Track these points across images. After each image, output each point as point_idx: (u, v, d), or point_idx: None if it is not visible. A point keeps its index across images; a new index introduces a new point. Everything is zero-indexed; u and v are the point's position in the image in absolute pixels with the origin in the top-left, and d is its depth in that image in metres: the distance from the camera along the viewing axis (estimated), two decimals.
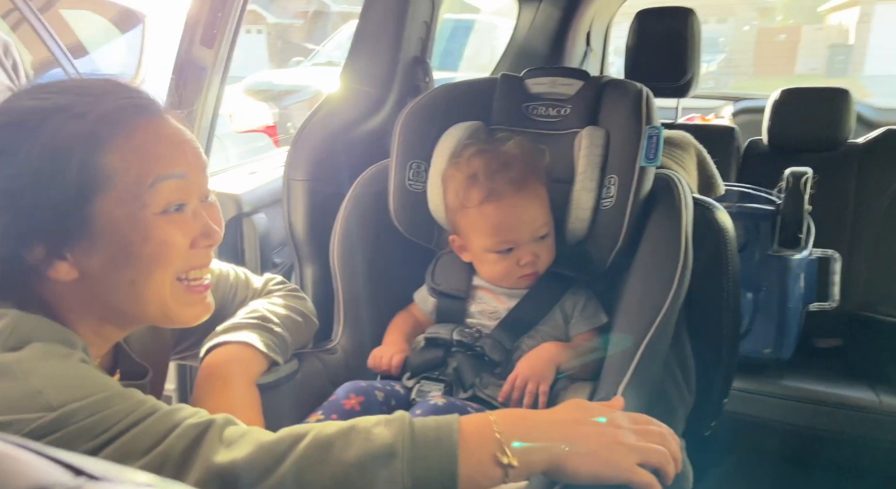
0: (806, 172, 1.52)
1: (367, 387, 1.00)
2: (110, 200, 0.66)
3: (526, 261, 1.08)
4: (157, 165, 0.68)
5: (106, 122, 0.66)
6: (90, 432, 0.58)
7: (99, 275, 0.68)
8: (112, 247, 0.67)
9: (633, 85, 1.16)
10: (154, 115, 0.70)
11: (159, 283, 0.70)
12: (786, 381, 1.57)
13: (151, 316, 0.73)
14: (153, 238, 0.68)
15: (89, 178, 0.65)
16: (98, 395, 0.60)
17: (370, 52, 1.46)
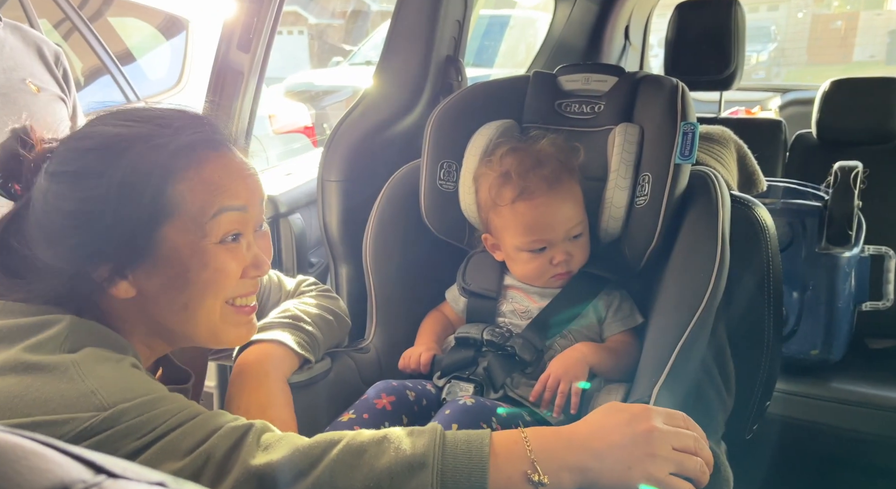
0: (856, 166, 1.46)
1: (399, 386, 1.01)
2: (175, 228, 0.70)
3: (559, 260, 1.07)
4: (221, 197, 0.72)
5: (182, 154, 0.70)
6: (138, 431, 0.61)
7: (155, 295, 0.72)
8: (171, 271, 0.71)
9: (669, 80, 1.13)
10: (223, 149, 0.74)
11: (210, 308, 0.74)
12: (835, 383, 1.50)
13: (201, 337, 0.77)
14: (210, 266, 0.72)
15: (160, 206, 0.69)
16: (147, 397, 0.63)
17: (403, 51, 1.46)
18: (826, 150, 1.91)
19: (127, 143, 0.68)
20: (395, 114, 1.45)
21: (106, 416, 0.60)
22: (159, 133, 0.69)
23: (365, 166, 1.40)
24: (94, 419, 0.59)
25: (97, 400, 0.61)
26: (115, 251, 0.69)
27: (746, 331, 1.11)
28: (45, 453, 0.30)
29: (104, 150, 0.68)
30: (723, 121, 2.00)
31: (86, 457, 0.31)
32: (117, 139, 0.68)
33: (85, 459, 0.31)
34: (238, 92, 1.35)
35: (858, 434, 1.45)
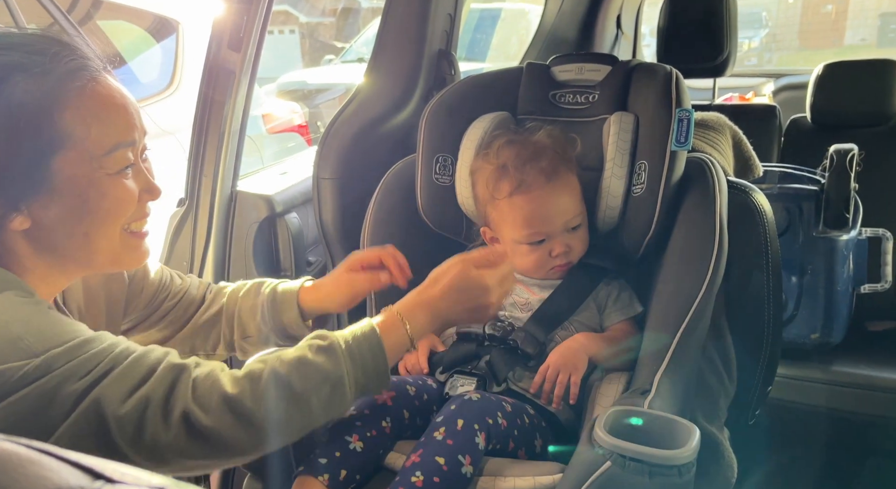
0: (852, 149, 1.45)
1: (399, 382, 1.00)
2: (68, 159, 0.70)
3: (558, 252, 1.07)
4: (115, 133, 0.72)
5: (65, 83, 0.69)
6: (74, 375, 0.63)
7: (52, 225, 0.72)
8: (68, 201, 0.71)
9: (662, 67, 1.13)
10: (102, 75, 0.73)
11: (110, 234, 0.76)
12: (835, 367, 1.51)
13: (101, 263, 0.78)
14: (109, 196, 0.73)
15: (50, 138, 0.68)
16: (75, 340, 0.65)
17: (395, 47, 1.45)
18: (821, 134, 1.91)
19: (3, 73, 0.66)
20: (388, 110, 1.45)
21: (38, 363, 0.61)
22: (35, 61, 0.68)
23: (359, 163, 1.40)
24: (28, 366, 0.60)
25: (26, 345, 0.61)
26: (6, 184, 0.68)
27: (746, 317, 1.11)
28: (42, 460, 0.30)
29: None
30: (717, 107, 2.00)
31: (83, 463, 0.31)
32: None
33: (82, 465, 0.31)
34: (230, 92, 1.35)
35: (860, 416, 1.45)
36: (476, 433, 0.86)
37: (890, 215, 1.78)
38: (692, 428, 0.79)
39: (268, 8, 1.32)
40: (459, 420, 0.86)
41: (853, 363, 1.52)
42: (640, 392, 0.93)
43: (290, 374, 0.73)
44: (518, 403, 0.97)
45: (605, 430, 0.80)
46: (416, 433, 0.99)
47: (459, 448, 0.84)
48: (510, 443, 0.92)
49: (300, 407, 0.73)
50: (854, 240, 1.51)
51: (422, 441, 0.87)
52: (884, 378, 1.46)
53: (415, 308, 0.86)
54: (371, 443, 0.93)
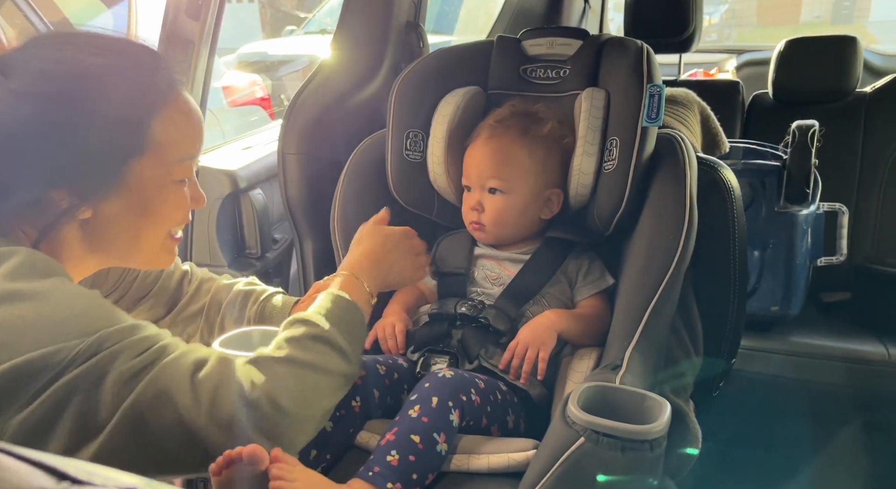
0: (813, 125, 1.48)
1: (369, 361, 1.00)
2: (147, 163, 0.74)
3: (472, 205, 1.11)
4: (189, 145, 0.78)
5: (164, 93, 0.74)
6: (126, 355, 0.64)
7: (111, 220, 0.75)
8: (134, 201, 0.75)
9: (634, 42, 1.12)
10: (186, 92, 0.79)
11: (157, 235, 0.80)
12: (794, 338, 1.56)
13: (139, 260, 0.82)
14: (170, 201, 0.78)
15: (137, 141, 0.72)
16: (125, 323, 0.67)
17: (361, 17, 1.41)
18: (782, 110, 1.94)
19: (106, 73, 0.70)
20: (355, 83, 1.41)
21: (92, 341, 0.62)
22: (140, 69, 0.73)
23: (326, 138, 1.36)
24: (82, 345, 0.62)
25: (82, 324, 0.63)
26: (83, 175, 0.71)
27: (713, 292, 1.13)
28: (3, 462, 0.29)
29: (83, 77, 0.69)
30: (682, 83, 2.01)
31: (46, 463, 0.30)
32: (94, 67, 0.69)
33: (45, 465, 0.30)
34: (189, 63, 1.29)
35: (818, 385, 1.51)
36: (451, 410, 0.86)
37: (845, 190, 1.84)
38: (663, 403, 0.81)
39: None
40: (434, 397, 0.86)
41: (810, 334, 1.58)
42: (611, 367, 0.94)
43: (289, 353, 0.74)
44: (491, 380, 0.97)
45: (579, 407, 0.80)
46: (386, 412, 0.99)
47: (434, 426, 0.84)
48: (483, 420, 0.93)
49: (316, 372, 0.74)
50: (813, 214, 1.55)
51: (396, 419, 0.87)
52: (839, 348, 1.52)
53: (363, 266, 0.93)
54: (341, 422, 0.93)
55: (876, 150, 1.83)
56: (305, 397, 0.72)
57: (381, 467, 0.80)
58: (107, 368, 0.62)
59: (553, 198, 1.11)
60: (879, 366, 1.48)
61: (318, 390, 0.74)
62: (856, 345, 1.52)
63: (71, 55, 0.70)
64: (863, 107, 1.86)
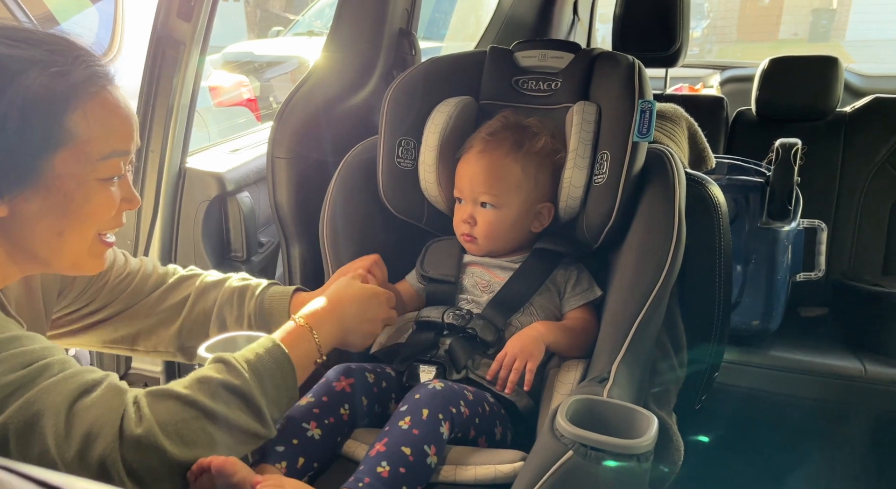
0: (796, 143, 1.51)
1: (357, 369, 0.99)
2: (65, 158, 0.70)
3: (464, 217, 1.11)
4: (114, 140, 0.74)
5: (82, 86, 0.70)
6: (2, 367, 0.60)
7: (29, 218, 0.71)
8: (53, 198, 0.71)
9: (626, 58, 1.14)
10: (113, 85, 0.75)
11: (83, 238, 0.75)
12: (774, 352, 1.58)
13: (62, 264, 0.77)
14: (94, 200, 0.73)
15: (54, 135, 0.69)
16: (5, 333, 0.63)
17: (354, 24, 1.41)
18: (765, 127, 1.98)
19: (22, 66, 0.67)
20: (346, 89, 1.41)
21: None
22: (56, 61, 0.69)
23: (316, 142, 1.35)
24: None
25: None
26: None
27: (698, 306, 1.14)
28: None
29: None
30: (668, 97, 2.04)
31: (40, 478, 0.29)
32: (10, 59, 0.67)
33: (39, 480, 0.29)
34: (179, 64, 1.28)
35: (797, 399, 1.54)
36: (441, 423, 0.86)
37: (825, 207, 1.88)
38: (651, 417, 0.81)
39: None
40: (424, 409, 0.86)
41: (789, 348, 1.60)
42: (598, 380, 0.95)
43: (194, 394, 0.70)
44: (479, 391, 0.97)
45: (567, 420, 0.81)
46: (374, 421, 0.99)
47: (425, 438, 0.84)
48: (471, 431, 0.93)
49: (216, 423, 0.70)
50: (794, 230, 1.58)
51: (386, 430, 0.86)
52: (818, 363, 1.54)
53: (323, 318, 0.88)
54: (329, 430, 0.92)
55: (855, 169, 1.87)
56: (196, 446, 0.67)
57: (371, 478, 0.80)
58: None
59: (544, 211, 1.12)
60: (856, 382, 1.50)
61: (212, 442, 0.69)
62: (834, 360, 1.55)
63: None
64: (843, 126, 1.90)
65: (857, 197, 1.86)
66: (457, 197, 1.14)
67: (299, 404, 0.93)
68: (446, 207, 1.19)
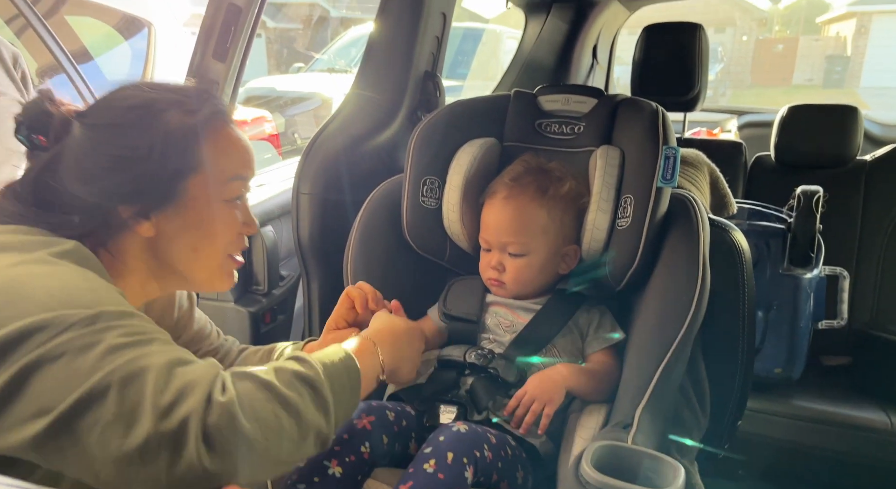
0: (817, 191, 1.51)
1: (379, 407, 0.99)
2: (197, 182, 0.83)
3: (492, 264, 1.12)
4: (236, 167, 0.87)
5: (209, 121, 0.84)
6: (118, 332, 0.66)
7: (170, 236, 0.84)
8: (189, 217, 0.83)
9: (649, 104, 1.16)
10: (232, 122, 0.90)
11: (213, 254, 0.87)
12: (796, 401, 1.55)
13: (197, 279, 0.89)
14: (219, 219, 0.86)
15: (189, 162, 0.82)
16: (128, 308, 0.70)
17: (382, 66, 1.45)
18: (784, 173, 1.98)
19: (164, 106, 0.81)
20: (372, 128, 1.43)
21: (91, 313, 0.66)
22: (188, 102, 0.83)
23: (341, 180, 1.38)
24: (80, 314, 0.65)
25: (87, 299, 0.67)
26: (146, 194, 0.80)
27: (721, 353, 1.13)
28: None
29: (144, 109, 0.80)
30: (686, 141, 2.06)
31: None
32: (154, 101, 0.81)
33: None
34: None
35: (820, 451, 1.50)
36: (465, 467, 0.85)
37: (846, 255, 1.86)
38: (677, 466, 0.80)
39: (255, 20, 1.30)
40: (449, 453, 0.85)
41: (811, 397, 1.57)
42: (621, 426, 0.94)
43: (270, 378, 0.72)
44: (500, 434, 0.96)
45: (592, 466, 0.80)
46: (394, 460, 0.98)
47: (450, 483, 0.83)
48: (494, 476, 0.91)
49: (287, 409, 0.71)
50: (816, 277, 1.57)
51: (410, 472, 0.85)
52: (842, 414, 1.51)
53: (384, 339, 0.91)
54: (350, 468, 0.91)
55: (876, 217, 1.86)
56: (266, 428, 0.68)
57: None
58: (98, 338, 0.64)
59: (570, 253, 1.13)
60: (883, 435, 1.47)
61: (282, 430, 0.70)
62: (858, 412, 1.52)
63: (132, 92, 0.83)
64: (863, 174, 1.90)
65: (878, 246, 1.85)
66: (483, 245, 1.15)
67: None
68: (469, 246, 1.20)
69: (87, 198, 0.78)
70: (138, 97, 0.82)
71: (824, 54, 16.17)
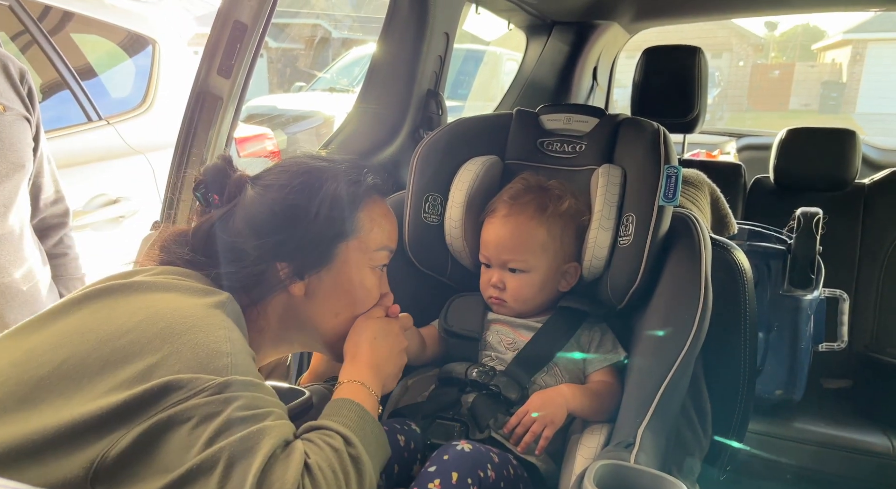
0: (817, 213, 1.52)
1: (390, 431, 0.98)
2: (352, 246, 0.89)
3: (493, 282, 1.12)
4: (385, 236, 0.93)
5: (367, 192, 0.91)
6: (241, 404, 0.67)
7: (320, 298, 0.89)
8: (338, 279, 0.89)
9: (650, 124, 1.16)
10: (383, 195, 0.96)
11: (349, 319, 0.91)
12: (797, 424, 1.55)
13: (329, 342, 0.92)
14: (366, 284, 0.92)
15: (347, 226, 0.88)
16: (252, 377, 0.71)
17: (385, 84, 1.46)
18: (783, 195, 1.99)
19: (330, 174, 0.88)
20: (375, 145, 1.44)
21: (221, 382, 0.67)
22: (351, 172, 0.90)
23: None
24: (211, 382, 0.66)
25: (223, 364, 0.68)
26: (305, 253, 0.86)
27: (723, 373, 1.13)
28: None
29: (313, 174, 0.88)
30: (686, 162, 2.07)
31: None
32: (321, 170, 0.89)
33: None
34: (216, 118, 1.32)
35: (821, 475, 1.49)
36: (469, 487, 0.84)
37: (845, 277, 1.87)
38: (680, 486, 0.79)
39: (261, 38, 1.31)
40: (454, 473, 0.84)
41: (812, 420, 1.56)
42: (623, 445, 0.93)
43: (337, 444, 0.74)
44: (502, 454, 0.95)
45: (595, 485, 0.79)
46: (399, 481, 0.96)
47: None
48: None
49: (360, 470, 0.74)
50: (816, 299, 1.57)
51: None
52: (844, 437, 1.50)
53: (363, 371, 0.91)
54: None
55: (874, 240, 1.87)
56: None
57: None
58: (222, 407, 0.65)
59: (571, 271, 1.13)
60: (884, 459, 1.46)
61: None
62: (860, 435, 1.51)
63: (302, 160, 0.92)
64: (861, 198, 1.92)
65: (877, 268, 1.85)
66: (483, 262, 1.15)
67: None
68: (470, 263, 1.20)
69: (251, 251, 0.84)
70: (309, 165, 0.90)
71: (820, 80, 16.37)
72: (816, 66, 18.07)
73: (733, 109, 16.11)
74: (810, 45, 18.89)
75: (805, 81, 16.60)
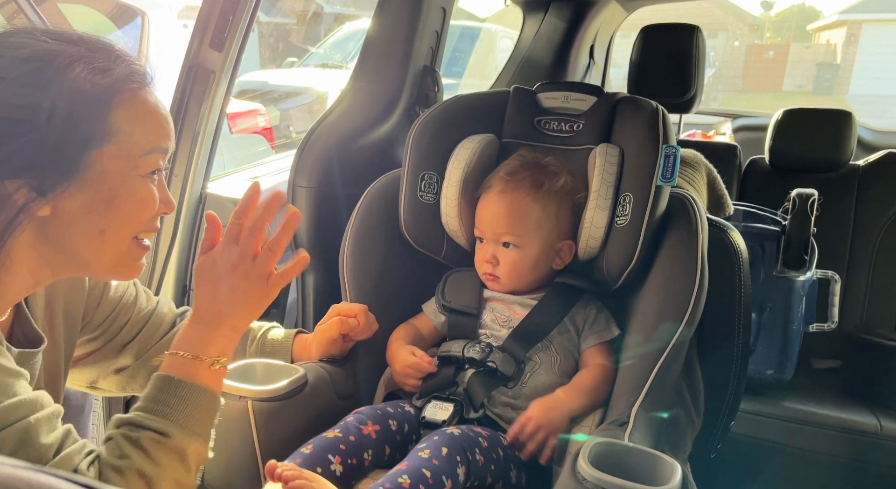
0: (812, 194, 1.52)
1: (382, 416, 0.98)
2: (109, 153, 0.70)
3: (486, 258, 1.12)
4: (154, 136, 0.74)
5: (123, 83, 0.70)
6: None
7: (72, 216, 0.70)
8: (97, 195, 0.70)
9: (649, 103, 1.15)
10: (150, 85, 0.75)
11: (123, 237, 0.75)
12: (787, 403, 1.56)
13: (101, 266, 0.76)
14: (136, 196, 0.73)
15: (98, 129, 0.69)
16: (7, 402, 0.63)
17: (380, 60, 1.44)
18: (778, 176, 1.99)
19: (68, 60, 0.67)
20: (370, 122, 1.42)
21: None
22: (98, 57, 0.69)
23: (337, 173, 1.37)
24: None
25: None
26: (43, 166, 0.66)
27: (716, 353, 1.13)
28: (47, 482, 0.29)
29: (44, 62, 0.66)
30: (682, 143, 2.06)
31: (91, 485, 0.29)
32: (55, 54, 0.67)
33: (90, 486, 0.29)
34: (208, 91, 1.30)
35: (810, 453, 1.51)
36: (458, 464, 0.85)
37: (837, 259, 1.87)
38: (675, 465, 0.80)
39: (254, 9, 1.29)
40: (444, 448, 0.86)
41: (803, 400, 1.58)
42: (618, 423, 0.93)
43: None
44: (493, 435, 0.96)
45: (589, 462, 0.79)
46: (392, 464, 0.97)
47: (443, 469, 0.84)
48: (488, 478, 0.91)
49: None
50: (809, 280, 1.58)
51: (405, 460, 0.86)
52: (832, 416, 1.52)
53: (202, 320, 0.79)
54: (349, 469, 0.91)
55: (868, 222, 1.88)
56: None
57: (391, 485, 0.80)
58: None
59: (565, 249, 1.12)
60: (872, 438, 1.48)
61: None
62: (848, 414, 1.53)
63: (26, 40, 0.68)
64: (856, 179, 1.92)
65: (870, 250, 1.86)
66: (478, 237, 1.15)
67: (326, 436, 0.92)
68: (466, 242, 1.20)
69: None
70: (35, 47, 0.67)
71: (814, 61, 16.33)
72: (811, 47, 18.02)
73: (728, 90, 16.07)
74: (805, 26, 18.81)
75: (800, 62, 16.57)
